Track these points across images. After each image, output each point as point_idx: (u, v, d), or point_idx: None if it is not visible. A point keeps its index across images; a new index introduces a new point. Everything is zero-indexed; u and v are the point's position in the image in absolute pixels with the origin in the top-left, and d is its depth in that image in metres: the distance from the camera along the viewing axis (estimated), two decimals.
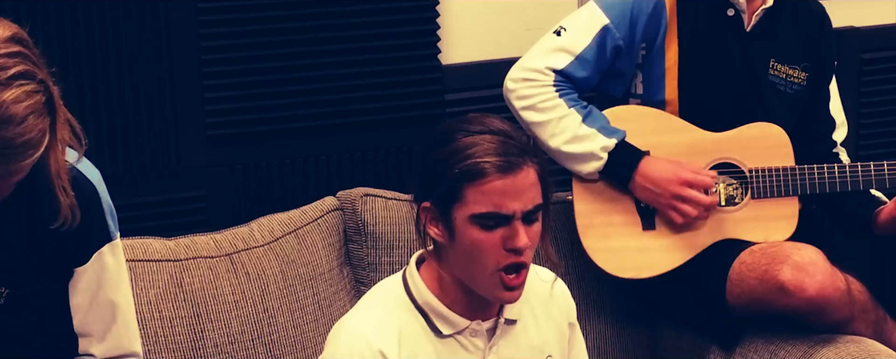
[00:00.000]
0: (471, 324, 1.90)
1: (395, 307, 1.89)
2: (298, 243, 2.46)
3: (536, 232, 1.84)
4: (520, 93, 2.45)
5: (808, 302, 2.28)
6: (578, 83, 2.45)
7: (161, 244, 2.38)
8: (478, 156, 1.78)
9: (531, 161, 1.81)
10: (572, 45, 2.43)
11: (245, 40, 2.65)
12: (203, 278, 2.36)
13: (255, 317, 2.36)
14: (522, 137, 1.83)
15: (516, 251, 1.81)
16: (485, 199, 1.78)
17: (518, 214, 1.80)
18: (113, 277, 1.82)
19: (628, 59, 2.46)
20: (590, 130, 2.41)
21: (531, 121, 2.44)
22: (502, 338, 1.93)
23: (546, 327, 1.99)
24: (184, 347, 2.30)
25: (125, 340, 1.87)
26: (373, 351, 1.83)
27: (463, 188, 1.79)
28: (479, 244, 1.81)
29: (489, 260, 1.81)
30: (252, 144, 2.70)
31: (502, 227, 1.80)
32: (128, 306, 1.88)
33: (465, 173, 1.79)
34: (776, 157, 2.47)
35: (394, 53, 2.76)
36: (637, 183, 2.42)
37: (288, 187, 2.74)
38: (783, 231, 2.45)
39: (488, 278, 1.83)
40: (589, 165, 2.42)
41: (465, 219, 1.80)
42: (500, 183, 1.78)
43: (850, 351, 2.29)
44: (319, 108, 2.73)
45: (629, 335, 2.64)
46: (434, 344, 1.89)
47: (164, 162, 2.63)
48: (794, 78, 2.52)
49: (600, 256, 2.46)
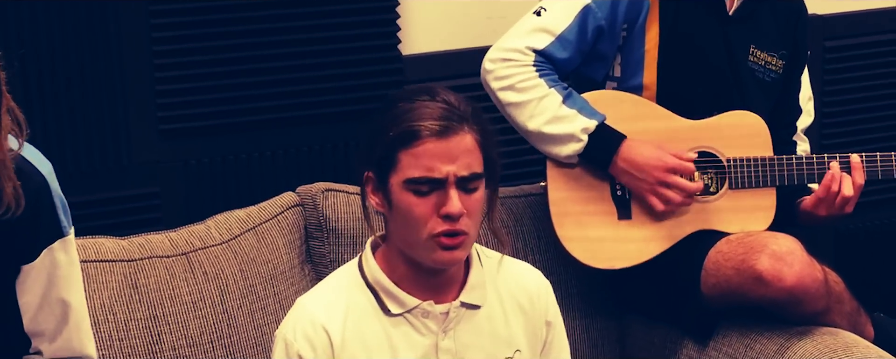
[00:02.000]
0: (422, 304, 1.87)
1: (347, 286, 1.90)
2: (258, 241, 2.38)
3: (476, 201, 1.82)
4: (498, 73, 2.38)
5: (786, 292, 2.23)
6: (559, 65, 2.39)
7: (114, 244, 2.29)
8: (413, 120, 1.79)
9: (470, 127, 1.81)
10: (553, 24, 2.37)
11: (198, 30, 2.56)
12: (159, 279, 2.27)
13: (214, 318, 2.28)
14: (463, 105, 1.82)
15: (450, 217, 1.78)
16: (417, 162, 1.78)
17: (451, 177, 1.78)
18: (65, 275, 1.74)
19: (610, 40, 2.40)
20: (570, 111, 2.35)
21: (510, 102, 2.38)
22: (461, 323, 1.89)
23: (516, 321, 1.94)
24: (140, 350, 2.21)
25: (76, 342, 1.78)
26: (316, 327, 1.84)
27: (398, 153, 1.79)
28: (413, 210, 1.79)
29: (423, 226, 1.80)
30: (207, 138, 2.62)
31: (436, 192, 1.79)
32: (80, 307, 1.79)
33: (399, 137, 1.79)
34: (755, 146, 2.42)
35: (353, 44, 2.69)
36: (619, 167, 2.36)
37: (245, 183, 2.65)
38: (761, 222, 2.40)
39: (424, 243, 1.81)
40: (568, 148, 2.36)
41: (399, 184, 1.80)
42: (433, 146, 1.78)
43: (826, 343, 2.25)
44: (277, 100, 2.65)
45: (598, 330, 2.59)
46: (382, 322, 1.87)
47: (115, 158, 2.54)
48: (772, 65, 2.48)
49: (575, 245, 2.40)
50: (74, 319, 1.77)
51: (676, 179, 2.34)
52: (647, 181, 2.35)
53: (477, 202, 1.82)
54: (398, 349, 1.86)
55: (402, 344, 1.87)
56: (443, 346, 1.88)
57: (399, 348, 1.87)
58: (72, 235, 1.75)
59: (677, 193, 2.34)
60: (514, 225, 2.55)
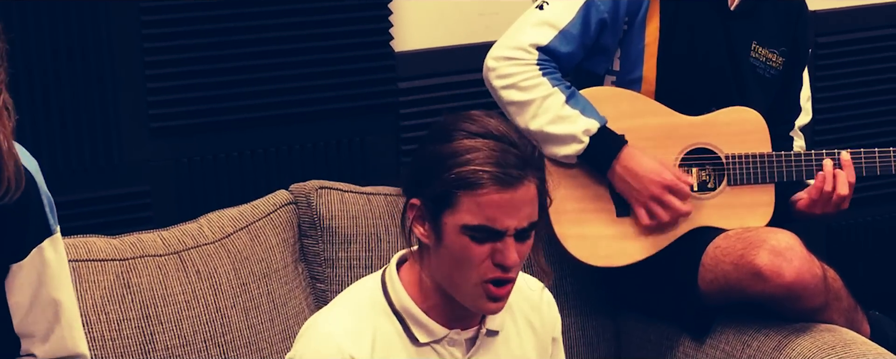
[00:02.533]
0: (450, 333, 1.81)
1: (371, 310, 1.80)
2: (251, 240, 2.35)
3: (527, 247, 1.75)
4: (501, 71, 2.35)
5: (785, 288, 2.22)
6: (562, 60, 2.36)
7: (105, 243, 2.26)
8: (477, 163, 1.68)
9: (533, 175, 1.71)
10: (556, 18, 2.35)
11: (189, 27, 2.53)
12: (151, 278, 2.24)
13: (207, 317, 2.25)
14: (527, 147, 1.72)
15: (504, 268, 1.72)
16: (479, 210, 1.69)
17: (511, 230, 1.70)
18: (55, 273, 1.71)
19: (612, 34, 2.38)
20: (573, 111, 2.33)
21: (513, 100, 2.35)
22: (482, 348, 1.84)
23: (528, 340, 1.90)
24: (132, 350, 2.18)
25: (69, 341, 1.75)
26: (343, 356, 1.74)
27: (457, 194, 1.69)
28: (466, 254, 1.71)
29: (475, 272, 1.72)
30: (198, 136, 2.59)
31: (492, 241, 1.71)
32: (71, 305, 1.76)
33: (461, 180, 1.68)
34: (753, 143, 2.41)
35: (345, 40, 2.66)
36: (617, 173, 2.34)
37: (237, 181, 2.63)
38: (759, 219, 2.39)
39: (472, 288, 1.74)
40: (568, 148, 2.34)
41: (455, 226, 1.71)
42: (497, 197, 1.68)
43: (825, 340, 2.24)
44: (269, 98, 2.62)
45: (593, 328, 2.57)
46: (409, 351, 1.79)
47: (106, 156, 2.51)
48: (773, 62, 2.47)
49: (573, 243, 2.39)
50: (66, 318, 1.74)
51: (670, 199, 2.33)
52: (641, 193, 2.33)
53: (528, 248, 1.75)
54: None
55: None
56: None
57: None
58: (59, 234, 1.73)
59: (666, 213, 2.33)
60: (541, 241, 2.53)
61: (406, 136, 2.74)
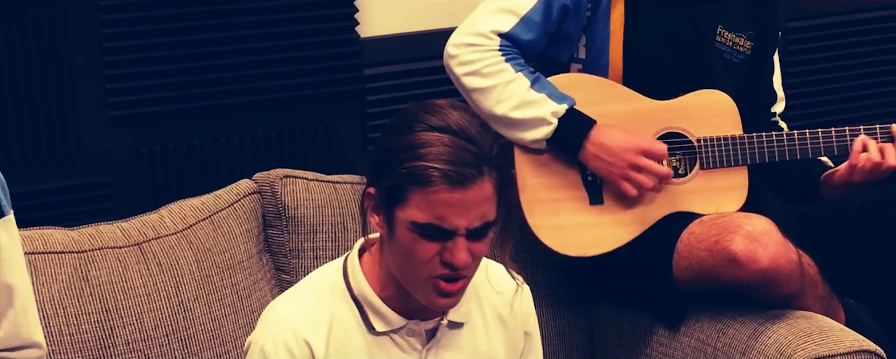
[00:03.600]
0: (408, 324, 1.77)
1: (330, 296, 1.77)
2: (214, 230, 2.30)
3: (483, 246, 1.70)
4: (462, 58, 2.31)
5: (761, 274, 2.19)
6: (524, 47, 2.32)
7: (63, 235, 2.20)
8: (429, 159, 1.62)
9: (489, 173, 1.65)
10: (517, 5, 2.31)
11: (150, 13, 2.47)
12: (111, 270, 2.18)
13: (169, 311, 2.19)
14: (486, 143, 1.66)
15: (452, 267, 1.67)
16: (428, 208, 1.64)
17: (461, 230, 1.65)
18: (7, 256, 1.66)
19: (575, 20, 2.34)
20: (539, 95, 2.29)
21: (475, 87, 2.31)
22: (444, 340, 1.80)
23: (496, 333, 1.86)
24: (92, 345, 2.12)
25: (25, 328, 1.69)
26: (298, 340, 1.73)
27: (408, 189, 1.64)
28: (414, 251, 1.67)
29: (423, 267, 1.68)
30: (159, 124, 2.52)
31: (442, 239, 1.66)
32: (26, 291, 1.70)
33: (412, 176, 1.63)
34: (724, 125, 2.37)
35: (309, 26, 2.61)
36: (589, 152, 2.30)
37: (199, 171, 2.57)
38: (733, 202, 2.36)
39: (421, 283, 1.70)
40: (537, 132, 2.30)
41: (405, 221, 1.66)
42: (447, 196, 1.63)
43: (801, 327, 2.20)
44: (231, 85, 2.56)
45: (565, 318, 2.53)
46: (366, 339, 1.77)
47: (63, 146, 2.45)
48: (740, 46, 2.44)
49: (546, 233, 2.34)
50: (20, 302, 1.68)
51: (648, 163, 2.29)
52: (618, 165, 2.29)
53: (484, 247, 1.70)
54: None
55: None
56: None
57: None
58: (12, 216, 1.68)
59: (649, 178, 2.29)
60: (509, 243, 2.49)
61: (372, 123, 2.68)
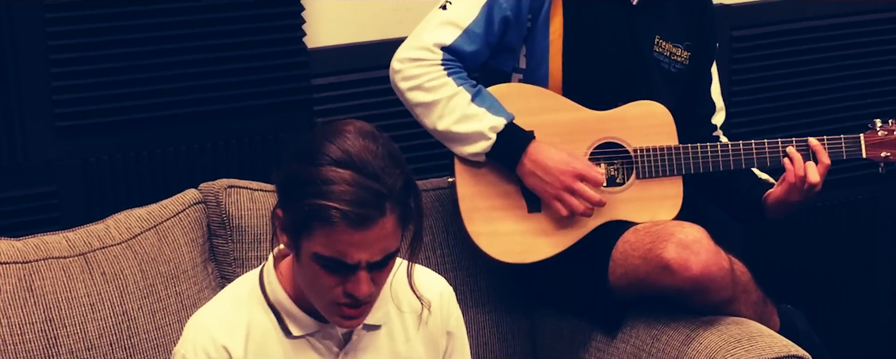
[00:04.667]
0: (323, 327, 1.82)
1: (247, 303, 1.83)
2: (159, 240, 2.32)
3: (385, 274, 1.75)
4: (406, 73, 2.35)
5: (692, 281, 2.24)
6: (467, 59, 2.36)
7: (8, 245, 2.23)
8: (331, 199, 1.64)
9: (391, 210, 1.67)
10: (459, 18, 2.35)
11: (96, 24, 2.49)
12: (55, 280, 2.20)
13: (113, 320, 2.22)
14: (390, 178, 1.67)
15: (354, 299, 1.72)
16: (330, 244, 1.67)
17: (363, 264, 1.70)
18: None
19: (516, 31, 2.38)
20: (479, 109, 2.33)
21: (419, 102, 2.35)
22: (360, 343, 1.85)
23: (415, 336, 1.91)
24: (36, 355, 2.15)
25: None
26: (216, 346, 1.79)
27: (312, 225, 1.67)
28: (318, 280, 1.72)
29: (327, 296, 1.73)
30: (105, 135, 2.55)
31: (344, 272, 1.70)
32: None
33: (314, 212, 1.66)
34: (660, 135, 2.42)
35: (256, 37, 2.64)
36: (526, 168, 2.34)
37: (146, 181, 2.59)
38: (668, 211, 2.40)
39: (326, 306, 1.76)
40: (476, 146, 2.34)
41: (309, 252, 1.70)
42: (348, 236, 1.66)
43: (731, 333, 2.25)
44: (178, 96, 2.58)
45: (508, 324, 2.57)
46: (284, 344, 1.82)
47: (10, 156, 2.47)
48: (678, 56, 2.48)
49: (485, 240, 2.38)
50: None
51: (582, 188, 2.33)
52: (553, 185, 2.33)
53: (387, 274, 1.75)
54: None
55: None
56: None
57: None
58: None
59: (581, 202, 2.33)
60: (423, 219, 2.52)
61: None
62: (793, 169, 2.35)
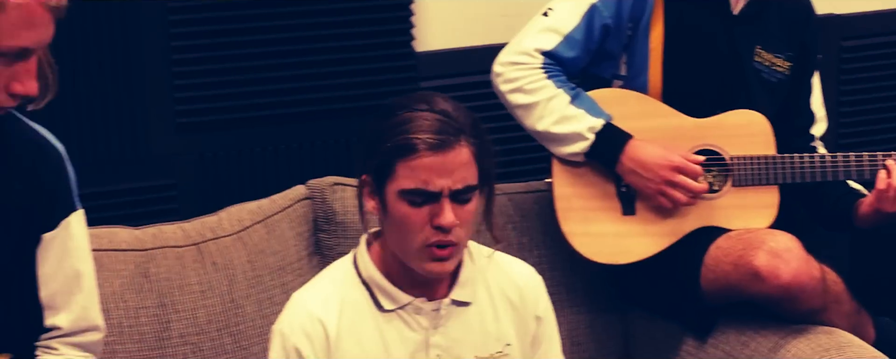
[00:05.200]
0: (414, 300, 1.92)
1: (342, 282, 1.95)
2: (267, 233, 2.43)
3: (469, 212, 1.85)
4: (507, 76, 2.43)
5: (782, 289, 2.25)
6: (567, 65, 2.42)
7: (128, 233, 2.35)
8: (411, 132, 1.81)
9: (467, 141, 1.83)
10: (560, 24, 2.41)
11: (216, 27, 2.62)
12: (170, 268, 2.32)
13: (221, 307, 2.33)
14: (462, 117, 1.84)
15: (441, 229, 1.82)
16: (413, 175, 1.81)
17: (446, 191, 1.81)
18: (78, 245, 1.83)
19: (616, 38, 2.43)
20: (578, 111, 2.39)
21: (519, 103, 2.42)
22: (451, 319, 1.94)
23: (505, 315, 1.98)
24: (149, 337, 2.27)
25: (91, 311, 1.87)
26: (312, 319, 1.90)
27: (394, 163, 1.82)
28: (406, 219, 1.83)
29: (416, 236, 1.83)
30: (222, 131, 2.68)
31: (430, 203, 1.82)
32: (92, 277, 1.88)
33: (397, 149, 1.81)
34: (758, 145, 2.44)
35: (367, 40, 2.74)
36: (625, 166, 2.38)
37: (258, 176, 2.71)
38: (763, 220, 2.42)
39: (416, 252, 1.85)
40: (575, 146, 2.40)
41: (394, 194, 1.83)
42: (429, 160, 1.80)
43: (821, 342, 2.26)
44: (291, 95, 2.70)
45: (602, 325, 2.61)
46: (376, 318, 1.92)
47: (133, 150, 2.61)
48: (778, 67, 2.50)
49: (578, 240, 2.44)
50: (87, 287, 1.85)
51: (682, 179, 2.36)
52: (653, 180, 2.37)
53: (469, 213, 1.85)
54: (390, 344, 1.91)
55: (394, 339, 1.91)
56: (433, 341, 1.92)
57: (391, 343, 1.91)
58: (82, 211, 1.85)
59: (683, 193, 2.36)
60: (521, 220, 2.59)
61: None
62: (886, 179, 2.35)
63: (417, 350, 1.92)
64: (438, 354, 1.92)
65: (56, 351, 1.83)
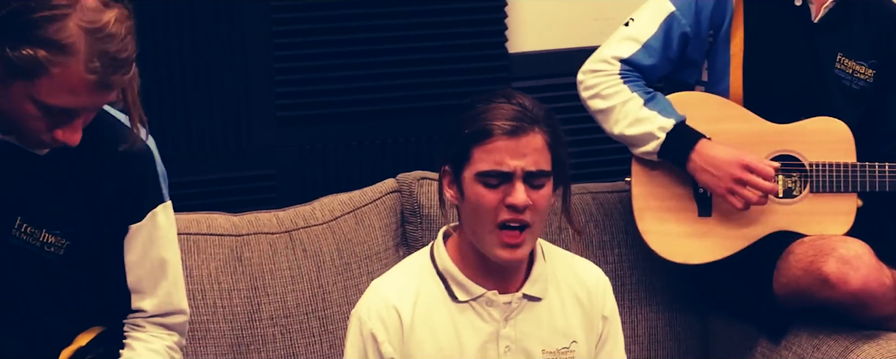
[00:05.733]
0: (486, 293, 1.99)
1: (419, 272, 2.04)
2: (356, 223, 2.53)
3: (543, 197, 1.93)
4: (587, 83, 2.51)
5: (851, 295, 2.28)
6: (646, 71, 2.49)
7: (225, 219, 2.49)
8: (488, 119, 1.91)
9: (541, 128, 1.92)
10: (639, 33, 2.48)
11: (316, 25, 2.74)
12: (262, 253, 2.45)
13: (310, 292, 2.45)
14: (537, 109, 1.94)
15: (514, 208, 1.90)
16: (488, 157, 1.91)
17: (519, 172, 1.90)
18: (164, 235, 1.95)
19: (697, 46, 2.49)
20: (650, 113, 2.45)
21: (597, 109, 2.50)
22: (522, 313, 2.01)
23: (573, 313, 2.05)
24: (240, 317, 2.40)
25: (175, 296, 1.99)
26: (388, 307, 1.99)
27: (471, 149, 1.92)
28: (481, 199, 1.92)
29: (489, 215, 1.92)
30: (321, 126, 2.80)
31: (504, 185, 1.91)
32: (177, 265, 1.99)
33: (474, 134, 1.92)
34: (838, 152, 2.46)
35: (462, 41, 2.83)
36: (696, 164, 2.42)
37: (354, 168, 2.82)
38: (839, 227, 2.44)
39: (488, 235, 1.93)
40: (647, 146, 2.46)
41: (471, 177, 1.93)
42: (503, 143, 1.90)
43: (891, 348, 2.28)
44: (386, 93, 2.81)
45: (682, 324, 2.66)
46: (449, 308, 2.00)
47: (235, 141, 2.75)
48: (860, 74, 2.50)
49: (654, 238, 2.49)
50: (173, 275, 1.98)
51: (752, 178, 2.39)
52: (723, 179, 2.40)
53: (543, 198, 1.94)
54: (462, 334, 2.00)
55: (467, 329, 2.00)
56: (503, 333, 2.00)
57: (463, 333, 2.00)
58: (170, 203, 1.97)
59: (754, 193, 2.39)
60: (604, 219, 2.65)
61: None
62: None
63: (488, 341, 2.00)
64: (508, 345, 2.00)
65: (142, 328, 1.96)
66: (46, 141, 1.73)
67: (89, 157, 1.82)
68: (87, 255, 1.87)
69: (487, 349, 1.99)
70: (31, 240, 1.82)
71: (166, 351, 1.96)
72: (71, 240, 1.85)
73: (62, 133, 1.71)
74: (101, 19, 1.63)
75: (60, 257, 1.85)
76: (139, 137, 1.82)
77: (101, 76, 1.64)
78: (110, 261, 1.91)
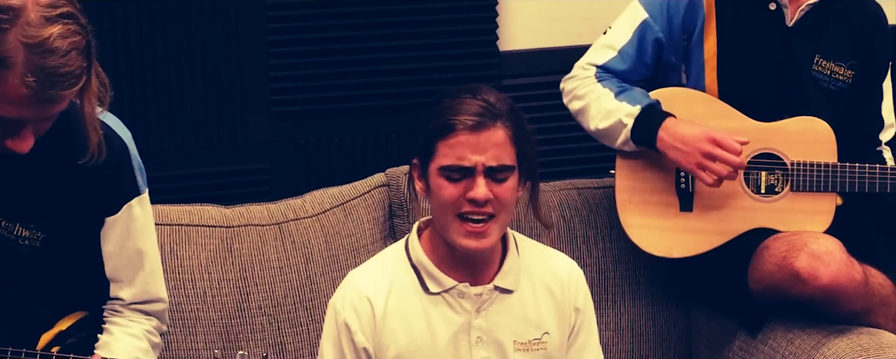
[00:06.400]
0: (458, 285, 2.04)
1: (393, 264, 2.09)
2: (345, 216, 2.59)
3: (506, 189, 1.98)
4: (566, 88, 2.59)
5: (821, 290, 2.31)
6: (621, 76, 2.54)
7: (217, 211, 2.54)
8: (451, 115, 1.97)
9: (504, 123, 1.97)
10: (614, 41, 2.54)
11: (310, 22, 2.80)
12: (252, 245, 2.50)
13: (298, 283, 2.51)
14: (501, 103, 1.98)
15: (475, 202, 1.95)
16: (451, 152, 1.96)
17: (480, 167, 1.96)
18: (141, 227, 1.99)
19: (673, 50, 2.53)
20: (619, 104, 2.49)
21: (575, 110, 2.55)
22: (494, 304, 2.06)
23: (546, 306, 2.09)
24: (230, 307, 2.46)
25: (153, 286, 2.04)
26: (361, 297, 2.05)
27: (436, 143, 1.98)
28: (443, 193, 1.98)
29: (451, 206, 1.97)
30: (314, 121, 2.86)
31: (466, 179, 1.96)
32: (154, 255, 2.04)
33: (438, 129, 1.98)
34: (820, 152, 2.49)
35: (453, 38, 2.88)
36: (665, 142, 2.44)
37: (346, 163, 2.88)
38: (818, 225, 2.47)
39: (452, 225, 1.99)
40: (620, 137, 2.49)
41: (435, 171, 1.99)
42: (465, 138, 1.95)
43: (861, 342, 2.31)
44: (379, 89, 2.87)
45: (665, 318, 2.70)
46: (422, 299, 2.05)
47: (231, 136, 2.81)
48: (839, 75, 2.53)
49: (635, 232, 2.54)
50: (149, 265, 2.03)
51: (720, 152, 2.39)
52: (692, 154, 2.41)
53: (507, 191, 1.99)
54: (434, 324, 2.05)
55: (438, 320, 2.05)
56: (475, 324, 2.06)
57: (435, 324, 2.05)
58: (146, 194, 2.01)
59: (723, 167, 2.40)
60: (589, 214, 2.69)
61: None
62: None
63: (459, 332, 2.05)
64: (479, 336, 2.05)
65: (120, 313, 2.02)
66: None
67: (64, 151, 1.85)
68: (63, 246, 1.91)
69: (459, 340, 2.05)
70: (6, 233, 1.86)
71: (145, 335, 2.01)
72: (46, 233, 1.88)
73: (11, 142, 1.72)
74: (41, 34, 1.62)
75: (36, 249, 1.89)
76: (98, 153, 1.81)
77: (36, 91, 1.63)
78: (88, 252, 1.95)
